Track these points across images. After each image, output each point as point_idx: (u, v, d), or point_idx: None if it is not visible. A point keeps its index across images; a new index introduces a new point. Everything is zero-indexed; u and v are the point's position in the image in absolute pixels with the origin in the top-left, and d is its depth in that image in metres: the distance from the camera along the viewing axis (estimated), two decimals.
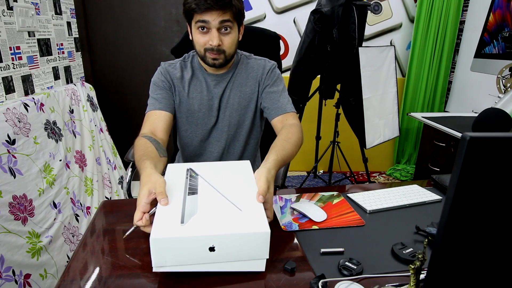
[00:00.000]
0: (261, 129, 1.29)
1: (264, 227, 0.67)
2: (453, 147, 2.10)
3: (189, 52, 1.20)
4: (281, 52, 2.57)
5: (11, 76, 1.63)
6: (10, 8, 1.62)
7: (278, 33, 1.44)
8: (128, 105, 2.68)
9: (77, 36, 2.40)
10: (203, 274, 0.69)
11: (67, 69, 2.23)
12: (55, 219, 1.59)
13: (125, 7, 2.49)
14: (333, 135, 2.43)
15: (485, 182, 0.44)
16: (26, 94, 1.75)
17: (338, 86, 2.35)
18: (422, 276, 0.61)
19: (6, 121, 1.42)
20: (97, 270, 0.71)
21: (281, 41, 1.74)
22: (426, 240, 0.64)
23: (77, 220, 1.78)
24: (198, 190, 0.79)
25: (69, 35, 2.27)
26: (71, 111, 2.00)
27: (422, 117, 2.26)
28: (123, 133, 2.69)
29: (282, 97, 1.14)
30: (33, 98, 1.65)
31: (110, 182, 2.21)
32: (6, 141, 1.40)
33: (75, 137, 1.98)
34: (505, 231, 0.47)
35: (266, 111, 1.15)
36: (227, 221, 0.69)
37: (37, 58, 1.86)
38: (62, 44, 2.16)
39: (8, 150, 1.40)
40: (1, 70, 1.57)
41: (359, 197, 1.01)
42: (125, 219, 0.90)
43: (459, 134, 1.91)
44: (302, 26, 2.67)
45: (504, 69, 2.25)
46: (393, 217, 0.93)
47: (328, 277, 0.68)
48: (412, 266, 0.59)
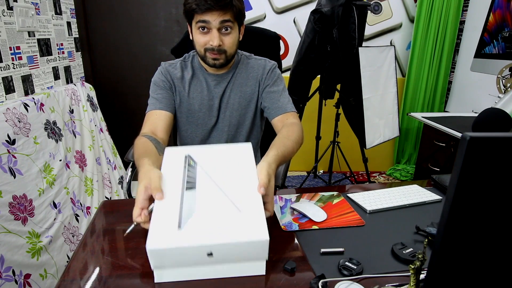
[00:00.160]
0: (261, 129, 1.29)
1: (263, 235, 0.65)
2: (453, 147, 2.10)
3: (190, 52, 1.20)
4: (281, 52, 2.57)
5: (11, 76, 1.63)
6: (10, 8, 1.62)
7: (278, 33, 1.44)
8: (128, 105, 2.68)
9: (77, 36, 2.40)
10: None
11: (67, 69, 2.23)
12: (55, 219, 1.59)
13: (125, 7, 2.49)
14: (333, 135, 2.43)
15: (485, 182, 0.44)
16: (26, 94, 1.75)
17: (338, 86, 2.35)
18: (422, 276, 0.61)
19: (6, 121, 1.42)
20: (97, 270, 0.71)
21: (281, 41, 1.74)
22: (426, 240, 0.64)
23: (77, 220, 1.78)
24: (197, 184, 0.76)
25: (69, 35, 2.27)
26: (71, 111, 2.00)
27: (422, 117, 2.26)
28: (123, 133, 2.69)
29: (283, 97, 1.14)
30: (33, 98, 1.65)
31: (110, 182, 2.21)
32: (6, 141, 1.40)
33: (75, 137, 1.98)
34: (505, 231, 0.47)
35: (267, 111, 1.15)
36: (225, 226, 0.67)
37: (37, 58, 1.86)
38: (62, 44, 2.16)
39: (8, 150, 1.40)
40: (1, 70, 1.57)
41: (359, 197, 1.01)
42: (125, 219, 0.90)
43: (459, 134, 1.91)
44: (302, 26, 2.67)
45: (504, 69, 2.25)
46: (393, 217, 0.93)
47: (328, 277, 0.68)
48: (412, 266, 0.59)
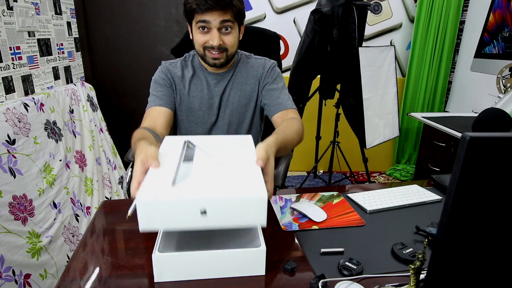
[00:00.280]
0: (261, 129, 1.29)
1: (260, 192, 0.62)
2: (453, 147, 2.10)
3: (190, 52, 1.20)
4: (281, 52, 2.57)
5: (11, 76, 1.63)
6: (10, 8, 1.62)
7: (278, 33, 1.44)
8: (128, 105, 2.68)
9: (77, 36, 2.40)
10: None
11: (67, 69, 2.23)
12: (55, 219, 1.59)
13: (125, 7, 2.49)
14: (333, 135, 2.43)
15: (485, 182, 0.44)
16: (26, 94, 1.75)
17: (338, 86, 2.35)
18: (422, 276, 0.61)
19: (6, 121, 1.42)
20: (97, 270, 0.71)
21: (281, 41, 1.74)
22: (426, 240, 0.64)
23: (77, 220, 1.78)
24: (194, 158, 0.74)
25: (69, 35, 2.27)
26: (71, 111, 2.00)
27: (422, 117, 2.26)
28: (123, 133, 2.68)
29: (283, 94, 1.15)
30: (33, 98, 1.65)
31: (110, 182, 2.21)
32: (6, 141, 1.40)
33: (75, 137, 1.98)
34: (505, 231, 0.47)
35: (267, 108, 1.15)
36: (221, 183, 0.64)
37: (37, 58, 1.86)
38: (62, 44, 2.16)
39: (8, 150, 1.40)
40: (1, 70, 1.57)
41: (359, 197, 1.01)
42: (125, 219, 0.90)
43: (459, 134, 1.91)
44: (302, 26, 2.67)
45: (504, 69, 2.25)
46: (393, 217, 0.93)
47: (328, 277, 0.68)
48: (412, 266, 0.59)
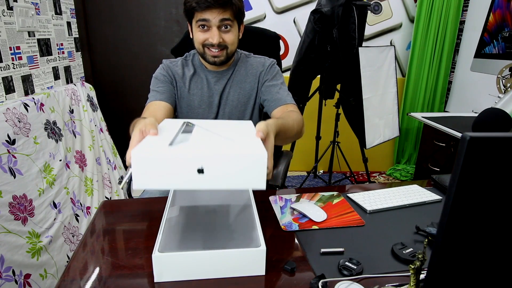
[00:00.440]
0: None
1: (260, 150, 0.60)
2: (453, 147, 2.10)
3: (191, 51, 1.21)
4: (281, 52, 2.57)
5: (11, 76, 1.63)
6: (10, 8, 1.62)
7: (278, 33, 1.44)
8: (128, 105, 2.68)
9: (77, 36, 2.40)
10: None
11: (67, 69, 2.23)
12: (55, 219, 1.59)
13: (125, 7, 2.49)
14: (333, 135, 2.43)
15: (485, 182, 0.44)
16: (26, 94, 1.75)
17: (338, 86, 2.35)
18: (422, 276, 0.61)
19: (6, 121, 1.42)
20: (97, 270, 0.71)
21: (281, 41, 1.74)
22: (426, 240, 0.64)
23: (77, 220, 1.78)
24: (193, 131, 0.73)
25: (69, 35, 2.27)
26: (71, 111, 2.00)
27: (422, 117, 2.26)
28: (123, 133, 2.67)
29: (282, 90, 1.15)
30: (33, 98, 1.65)
31: (110, 182, 2.21)
32: (6, 141, 1.40)
33: (75, 137, 1.98)
34: (505, 231, 0.47)
35: (266, 104, 1.15)
36: (219, 144, 0.63)
37: (37, 58, 1.86)
38: (62, 44, 2.16)
39: (8, 150, 1.40)
40: (1, 70, 1.57)
41: (359, 197, 1.01)
42: (125, 219, 0.90)
43: (459, 134, 1.91)
44: (302, 26, 2.67)
45: (504, 69, 2.25)
46: (393, 217, 0.93)
47: (328, 277, 0.68)
48: (412, 266, 0.59)
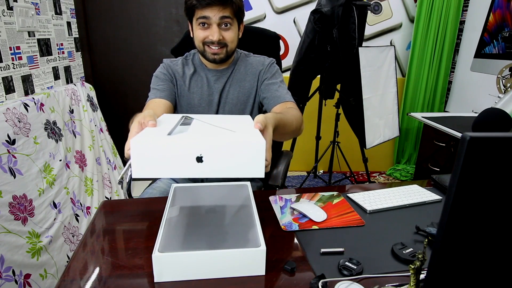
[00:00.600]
0: None
1: (258, 139, 0.60)
2: (453, 147, 2.10)
3: (191, 51, 1.22)
4: (281, 52, 2.57)
5: (11, 76, 1.63)
6: (10, 8, 1.62)
7: (278, 33, 1.44)
8: (128, 105, 2.68)
9: (77, 36, 2.40)
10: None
11: (67, 69, 2.23)
12: (55, 219, 1.59)
13: (125, 7, 2.49)
14: (333, 135, 2.43)
15: (485, 182, 0.44)
16: (26, 94, 1.75)
17: (338, 86, 2.35)
18: (422, 276, 0.61)
19: (6, 121, 1.42)
20: (97, 270, 0.71)
21: (281, 41, 1.74)
22: (426, 240, 0.64)
23: (77, 220, 1.78)
24: (192, 123, 0.74)
25: (69, 35, 2.27)
26: (71, 111, 2.00)
27: (422, 117, 2.26)
28: (123, 133, 2.67)
29: (281, 88, 1.16)
30: (33, 98, 1.65)
31: (110, 182, 2.21)
32: (6, 141, 1.40)
33: (75, 137, 1.98)
34: (505, 231, 0.47)
35: (266, 101, 1.16)
36: (218, 134, 0.64)
37: (37, 58, 1.86)
38: (62, 44, 2.16)
39: (8, 150, 1.40)
40: (1, 70, 1.57)
41: (359, 197, 1.01)
42: (125, 219, 0.90)
43: (459, 134, 1.91)
44: (302, 26, 2.67)
45: (504, 69, 2.25)
46: (393, 217, 0.93)
47: (328, 277, 0.68)
48: (412, 266, 0.59)
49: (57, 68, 2.08)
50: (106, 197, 2.14)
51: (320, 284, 0.65)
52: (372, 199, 0.99)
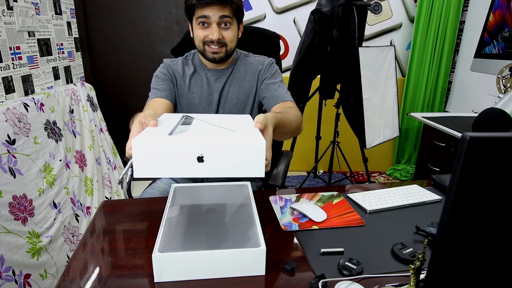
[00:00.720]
0: None
1: (258, 138, 0.62)
2: (453, 147, 2.10)
3: (191, 51, 1.22)
4: (281, 52, 2.57)
5: (11, 76, 1.63)
6: (10, 8, 1.62)
7: (278, 33, 1.44)
8: (128, 105, 2.68)
9: (77, 36, 2.40)
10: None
11: (67, 69, 2.23)
12: (55, 219, 1.59)
13: (125, 7, 2.49)
14: (333, 135, 2.43)
15: (485, 182, 0.44)
16: (26, 94, 1.75)
17: (338, 86, 2.35)
18: (422, 276, 0.61)
19: (6, 121, 1.42)
20: (97, 270, 0.71)
21: (281, 41, 1.74)
22: (426, 240, 0.64)
23: (77, 220, 1.78)
24: (192, 123, 0.75)
25: (69, 35, 2.27)
26: (71, 111, 2.00)
27: (422, 117, 2.26)
28: (123, 133, 2.68)
29: (281, 88, 1.16)
30: (33, 98, 1.65)
31: (110, 182, 2.21)
32: (6, 141, 1.40)
33: (75, 137, 1.98)
34: (505, 231, 0.47)
35: (265, 101, 1.16)
36: (219, 133, 0.65)
37: (37, 58, 1.86)
38: (62, 44, 2.16)
39: (8, 150, 1.40)
40: (1, 70, 1.57)
41: (359, 197, 1.01)
42: (125, 219, 0.90)
43: (459, 134, 1.91)
44: (302, 26, 2.67)
45: (504, 69, 2.25)
46: (393, 217, 0.93)
47: (328, 277, 0.68)
48: (412, 266, 0.59)
49: (57, 68, 2.08)
50: (106, 197, 2.14)
51: (320, 284, 0.65)
52: (372, 199, 0.99)
